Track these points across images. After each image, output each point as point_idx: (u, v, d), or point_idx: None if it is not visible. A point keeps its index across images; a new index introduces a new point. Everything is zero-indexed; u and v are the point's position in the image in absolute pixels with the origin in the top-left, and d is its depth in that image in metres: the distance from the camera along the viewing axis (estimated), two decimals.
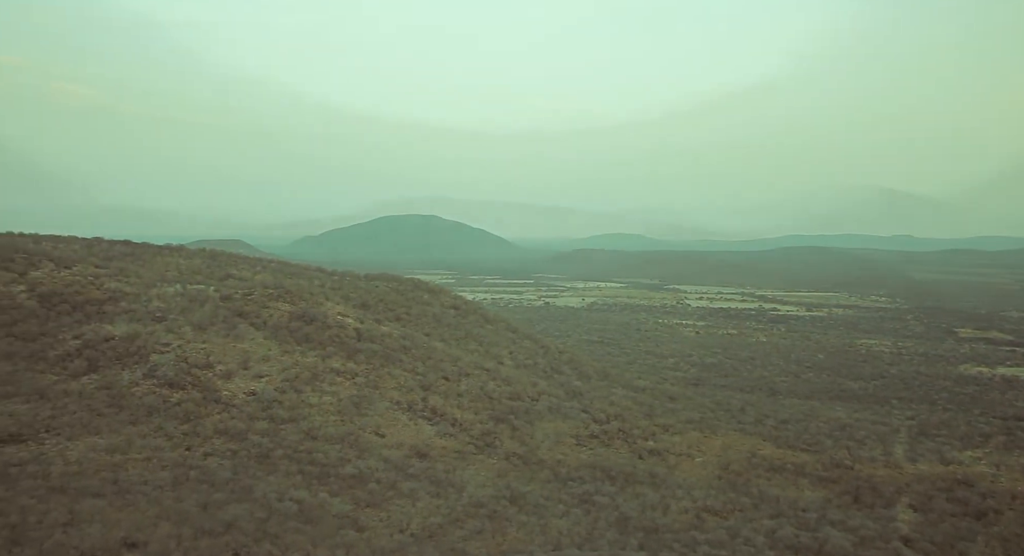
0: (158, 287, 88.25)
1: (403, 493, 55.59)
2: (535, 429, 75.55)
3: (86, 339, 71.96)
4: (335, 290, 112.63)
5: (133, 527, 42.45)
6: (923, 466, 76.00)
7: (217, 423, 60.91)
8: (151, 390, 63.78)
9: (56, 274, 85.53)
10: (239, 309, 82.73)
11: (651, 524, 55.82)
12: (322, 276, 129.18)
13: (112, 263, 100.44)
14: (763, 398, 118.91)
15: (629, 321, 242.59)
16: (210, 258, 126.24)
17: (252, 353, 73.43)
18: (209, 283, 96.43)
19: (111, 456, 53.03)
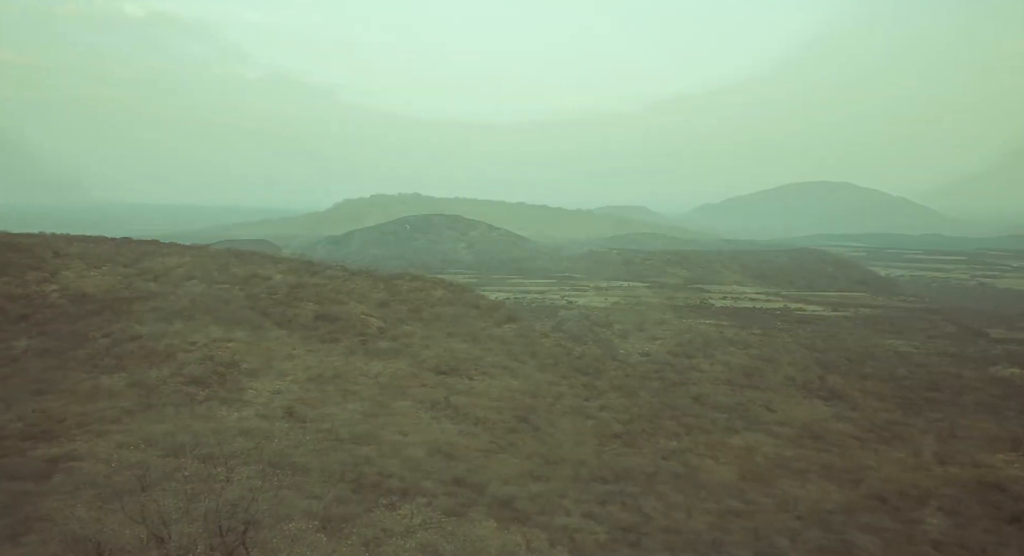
0: (568, 248, 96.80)
1: (792, 472, 53.11)
2: (956, 426, 65.77)
3: (115, 338, 72.13)
4: (733, 258, 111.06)
5: (540, 462, 47.66)
6: (953, 469, 54.20)
7: (613, 379, 64.96)
8: (558, 342, 70.72)
9: (86, 274, 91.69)
10: (638, 272, 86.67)
11: None
12: (720, 243, 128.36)
13: (531, 225, 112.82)
14: None
15: None
16: (615, 223, 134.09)
17: (648, 316, 76.45)
18: (611, 246, 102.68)
19: (523, 397, 60.25)
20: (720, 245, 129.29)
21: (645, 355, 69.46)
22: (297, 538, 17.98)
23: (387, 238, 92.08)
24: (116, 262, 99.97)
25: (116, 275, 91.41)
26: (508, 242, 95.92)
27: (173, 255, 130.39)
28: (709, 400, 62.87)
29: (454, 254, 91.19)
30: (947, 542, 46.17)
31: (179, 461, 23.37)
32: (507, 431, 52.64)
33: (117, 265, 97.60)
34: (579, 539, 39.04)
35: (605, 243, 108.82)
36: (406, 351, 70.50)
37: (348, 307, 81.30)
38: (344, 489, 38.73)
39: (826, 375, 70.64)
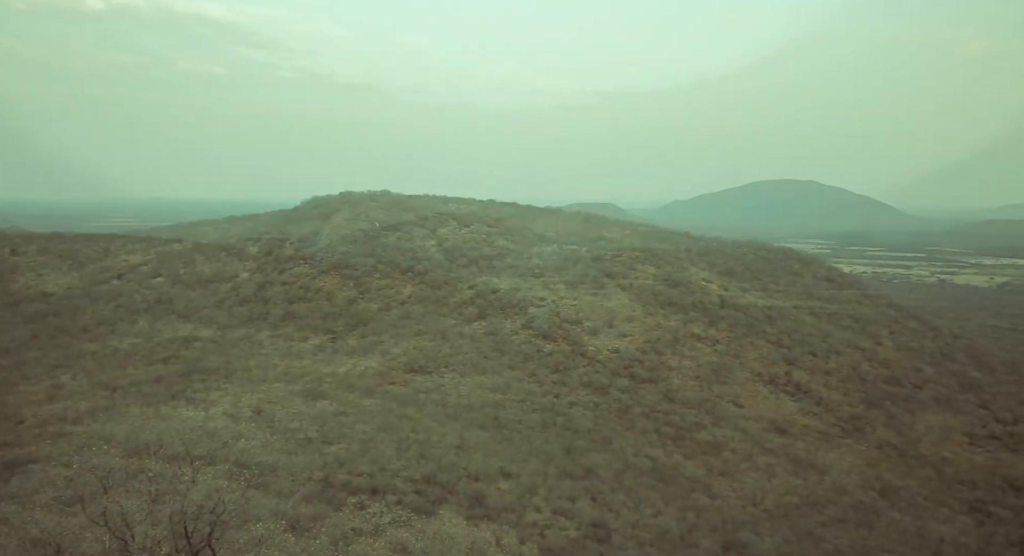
0: (538, 246, 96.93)
1: (759, 466, 53.94)
2: (916, 420, 67.22)
3: (478, 289, 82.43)
4: (701, 256, 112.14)
5: (509, 459, 47.90)
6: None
7: (583, 376, 65.33)
8: (528, 340, 70.78)
9: (458, 232, 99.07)
10: (608, 270, 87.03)
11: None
12: (688, 241, 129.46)
13: (501, 223, 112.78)
14: None
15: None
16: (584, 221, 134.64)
17: (617, 313, 76.90)
18: (582, 244, 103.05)
19: (493, 394, 60.35)
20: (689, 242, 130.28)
21: (615, 352, 69.86)
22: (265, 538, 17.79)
23: (356, 235, 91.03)
24: (482, 222, 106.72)
25: (481, 234, 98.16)
26: (479, 239, 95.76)
27: (529, 216, 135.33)
28: (678, 396, 63.48)
29: (424, 251, 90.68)
30: (908, 532, 47.23)
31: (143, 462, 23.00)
32: (477, 428, 52.64)
33: (482, 224, 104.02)
34: (549, 535, 39.21)
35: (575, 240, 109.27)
36: (376, 349, 70.14)
37: (317, 305, 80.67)
38: (313, 488, 38.44)
39: (792, 371, 71.71)
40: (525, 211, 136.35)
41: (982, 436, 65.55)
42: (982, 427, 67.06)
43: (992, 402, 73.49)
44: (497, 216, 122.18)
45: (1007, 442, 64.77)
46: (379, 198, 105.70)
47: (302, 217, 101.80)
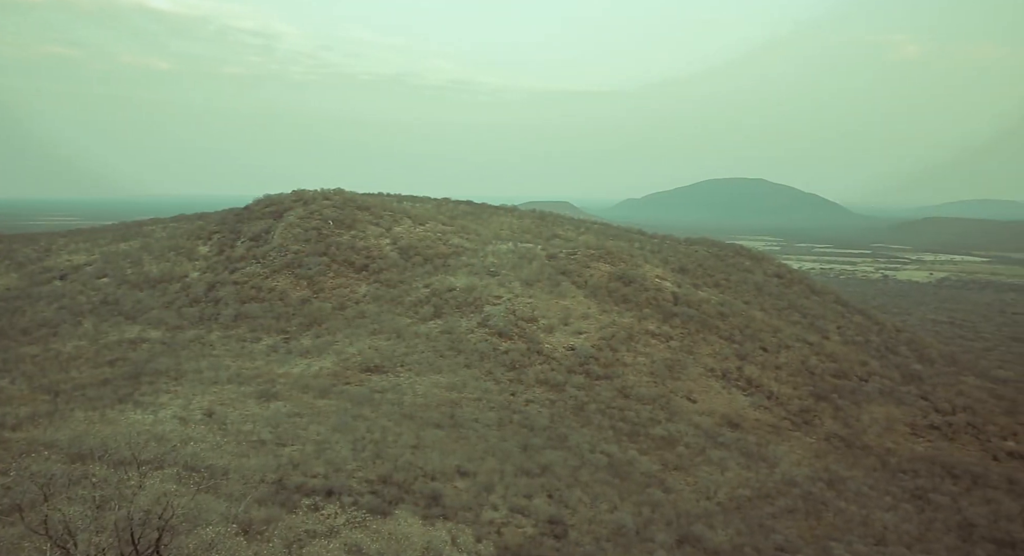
0: (493, 244, 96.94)
1: (712, 460, 54.82)
2: (862, 412, 69.13)
3: (434, 288, 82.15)
4: (655, 253, 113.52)
5: (465, 458, 47.83)
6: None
7: (539, 373, 65.56)
8: (484, 338, 70.77)
9: (413, 230, 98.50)
10: (563, 268, 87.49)
11: (1006, 537, 48.13)
12: (642, 239, 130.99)
13: (456, 221, 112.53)
14: None
15: (991, 301, 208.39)
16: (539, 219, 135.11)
17: (573, 310, 77.34)
18: (537, 242, 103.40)
19: (449, 393, 60.19)
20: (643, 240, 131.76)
21: (570, 349, 70.29)
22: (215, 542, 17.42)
23: (309, 234, 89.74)
24: (436, 220, 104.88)
25: (436, 232, 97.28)
26: (434, 238, 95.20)
27: (484, 214, 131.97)
28: (633, 392, 64.15)
29: (378, 250, 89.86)
30: (854, 521, 48.55)
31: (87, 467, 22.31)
32: (434, 427, 52.43)
33: (437, 223, 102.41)
34: (506, 533, 39.30)
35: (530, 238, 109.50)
36: (330, 349, 69.36)
37: (269, 305, 79.40)
38: (266, 491, 37.84)
39: (744, 366, 73.05)
40: (480, 209, 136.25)
41: (923, 426, 67.74)
42: (923, 417, 69.30)
43: (932, 393, 76.00)
44: (452, 214, 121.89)
45: (946, 431, 67.06)
46: (332, 196, 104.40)
47: (253, 215, 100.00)
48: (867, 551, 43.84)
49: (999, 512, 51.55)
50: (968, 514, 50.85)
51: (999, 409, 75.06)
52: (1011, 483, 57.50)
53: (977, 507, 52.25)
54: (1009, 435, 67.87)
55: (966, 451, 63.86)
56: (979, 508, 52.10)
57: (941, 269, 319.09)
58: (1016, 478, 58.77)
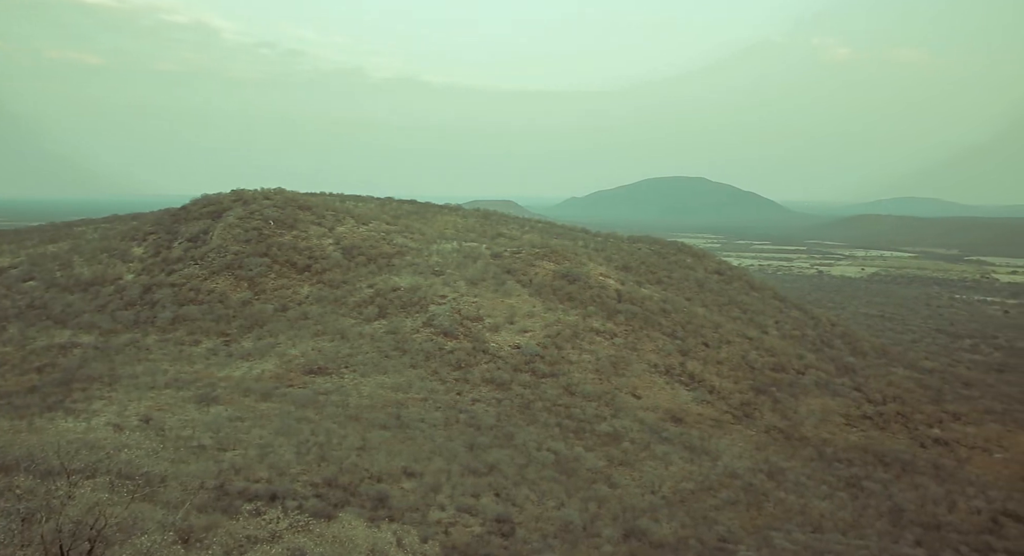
0: (437, 244, 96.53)
1: (656, 455, 55.68)
2: (799, 404, 71.18)
3: (378, 288, 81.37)
4: (598, 251, 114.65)
5: (411, 458, 47.53)
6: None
7: (485, 372, 65.57)
8: (429, 338, 70.43)
9: (356, 230, 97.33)
10: (508, 266, 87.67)
11: (932, 520, 50.21)
12: (586, 237, 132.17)
13: (400, 220, 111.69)
14: None
15: (917, 295, 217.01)
16: (483, 218, 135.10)
17: (518, 309, 77.57)
18: (482, 241, 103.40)
19: (395, 394, 59.73)
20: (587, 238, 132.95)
21: (516, 348, 70.50)
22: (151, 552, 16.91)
23: (249, 235, 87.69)
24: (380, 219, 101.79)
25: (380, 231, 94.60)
26: (378, 237, 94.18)
27: (428, 214, 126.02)
28: (578, 389, 64.70)
29: (321, 250, 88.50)
30: (793, 510, 49.99)
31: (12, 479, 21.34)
32: (380, 428, 51.95)
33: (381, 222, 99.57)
34: (454, 533, 39.19)
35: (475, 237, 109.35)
36: (272, 351, 68.06)
37: (209, 307, 77.42)
38: (206, 497, 36.89)
39: (686, 361, 74.40)
40: (424, 208, 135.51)
41: (856, 416, 70.13)
42: (856, 408, 71.76)
43: (865, 385, 78.78)
44: (396, 214, 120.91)
45: (877, 421, 69.59)
46: (273, 196, 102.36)
47: (191, 216, 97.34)
48: (805, 539, 45.16)
49: (926, 497, 53.77)
50: (898, 500, 52.88)
51: (925, 398, 78.29)
52: (937, 469, 60.03)
53: (906, 493, 54.38)
54: (935, 423, 70.82)
55: (896, 439, 66.38)
56: (908, 493, 54.24)
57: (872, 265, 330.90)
58: (941, 464, 61.38)
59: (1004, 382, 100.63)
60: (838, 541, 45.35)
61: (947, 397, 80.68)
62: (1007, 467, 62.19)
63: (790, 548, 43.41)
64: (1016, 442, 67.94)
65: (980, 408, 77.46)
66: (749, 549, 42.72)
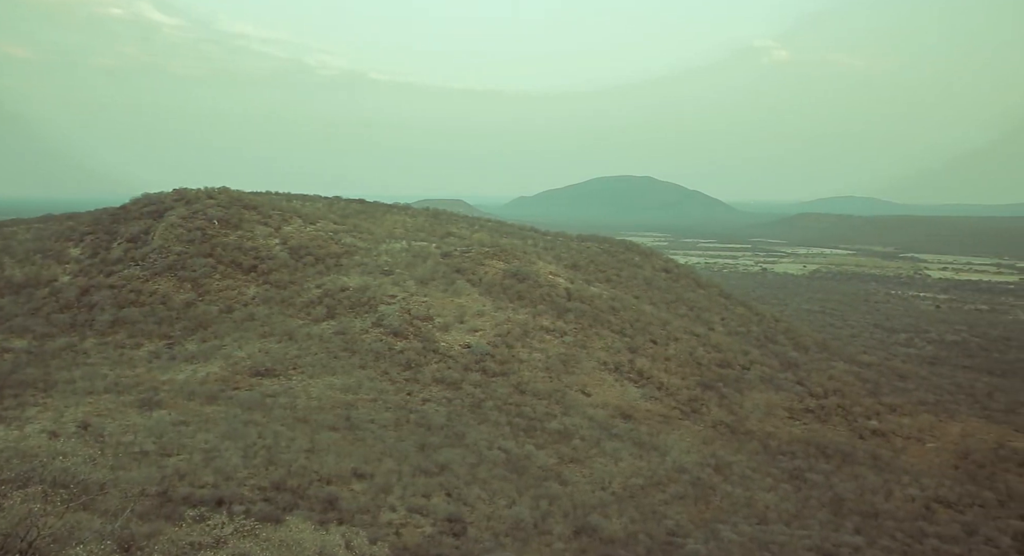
0: (386, 243, 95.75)
1: (606, 452, 56.25)
2: (745, 399, 72.77)
3: (326, 289, 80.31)
4: (548, 250, 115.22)
5: (362, 460, 47.08)
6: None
7: (435, 372, 65.31)
8: (379, 338, 69.83)
9: (303, 229, 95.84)
10: (457, 265, 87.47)
11: (870, 508, 51.92)
12: (535, 236, 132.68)
13: (348, 220, 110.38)
14: (1018, 384, 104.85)
15: (856, 291, 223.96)
16: (432, 217, 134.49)
17: (468, 308, 77.47)
18: (431, 240, 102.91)
19: (344, 395, 59.05)
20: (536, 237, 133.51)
21: (466, 347, 70.41)
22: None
23: (193, 235, 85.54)
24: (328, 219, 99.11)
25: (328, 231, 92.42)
26: (326, 237, 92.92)
27: (377, 213, 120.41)
28: (529, 388, 64.96)
29: (267, 250, 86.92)
30: (738, 503, 51.09)
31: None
32: (329, 430, 51.32)
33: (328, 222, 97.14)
34: (405, 534, 38.99)
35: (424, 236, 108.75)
36: (218, 353, 66.56)
37: (151, 309, 75.28)
38: (148, 505, 35.94)
39: (635, 358, 75.34)
40: (373, 208, 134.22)
41: (799, 410, 72.05)
42: (799, 402, 73.72)
43: (807, 379, 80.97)
44: (344, 213, 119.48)
45: (819, 414, 71.62)
46: (217, 195, 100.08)
47: (131, 216, 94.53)
48: (751, 530, 46.21)
49: (865, 486, 55.58)
50: (839, 490, 54.52)
51: (864, 391, 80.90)
52: (874, 459, 62.08)
53: (846, 483, 56.10)
54: (873, 415, 73.19)
55: (837, 431, 68.40)
56: (848, 484, 55.97)
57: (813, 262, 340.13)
58: (879, 454, 63.48)
59: (936, 374, 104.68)
60: (782, 532, 46.53)
61: (884, 390, 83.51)
62: (939, 456, 64.66)
63: (736, 540, 44.36)
64: (947, 432, 70.70)
65: (914, 400, 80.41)
66: (697, 542, 43.51)
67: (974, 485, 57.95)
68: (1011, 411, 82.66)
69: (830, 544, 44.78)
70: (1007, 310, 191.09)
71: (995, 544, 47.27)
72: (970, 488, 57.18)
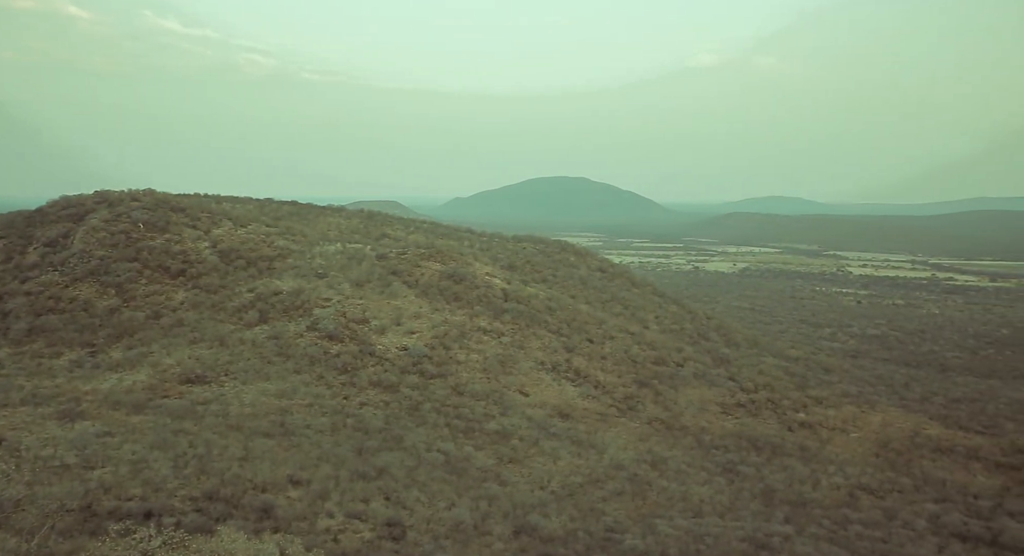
0: (320, 246, 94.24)
1: (545, 451, 56.67)
2: (679, 395, 74.35)
3: (258, 292, 78.49)
4: (484, 251, 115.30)
5: (298, 466, 46.22)
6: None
7: (372, 375, 64.65)
8: (314, 342, 68.67)
9: (234, 232, 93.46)
10: (393, 267, 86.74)
11: (799, 498, 53.73)
12: (471, 237, 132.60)
13: (281, 222, 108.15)
14: (932, 374, 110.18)
15: (783, 288, 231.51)
16: (367, 219, 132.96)
17: (404, 310, 76.92)
18: (366, 242, 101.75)
19: (279, 401, 57.85)
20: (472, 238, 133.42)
21: (403, 349, 69.89)
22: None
23: (116, 238, 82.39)
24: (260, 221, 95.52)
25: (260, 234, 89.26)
26: (257, 240, 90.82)
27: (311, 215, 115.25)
28: (467, 389, 64.91)
29: (196, 254, 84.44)
30: (674, 498, 52.17)
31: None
32: (263, 437, 50.20)
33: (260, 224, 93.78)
34: (343, 540, 38.47)
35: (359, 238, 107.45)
36: (145, 361, 64.30)
37: (71, 316, 72.17)
38: (70, 520, 34.49)
39: (572, 358, 76.12)
40: (305, 210, 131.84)
41: (732, 405, 74.05)
42: (731, 397, 75.77)
43: (738, 374, 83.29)
44: (276, 215, 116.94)
45: (750, 408, 73.77)
46: (142, 197, 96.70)
47: (48, 219, 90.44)
48: (687, 524, 47.24)
49: (793, 477, 57.50)
50: (769, 481, 56.24)
51: (792, 385, 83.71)
52: (802, 450, 64.30)
53: (776, 474, 57.94)
54: (800, 407, 75.81)
55: (767, 424, 70.56)
56: (778, 475, 57.81)
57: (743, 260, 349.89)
58: (806, 445, 65.77)
59: (858, 367, 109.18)
60: (716, 524, 47.72)
61: (810, 383, 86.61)
62: (861, 445, 67.41)
63: (673, 534, 45.29)
64: (868, 422, 73.76)
65: (839, 392, 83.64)
66: (635, 538, 44.24)
67: (893, 472, 60.64)
68: (925, 400, 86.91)
69: (762, 534, 46.13)
70: (921, 305, 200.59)
71: (912, 527, 49.57)
72: (890, 475, 59.81)
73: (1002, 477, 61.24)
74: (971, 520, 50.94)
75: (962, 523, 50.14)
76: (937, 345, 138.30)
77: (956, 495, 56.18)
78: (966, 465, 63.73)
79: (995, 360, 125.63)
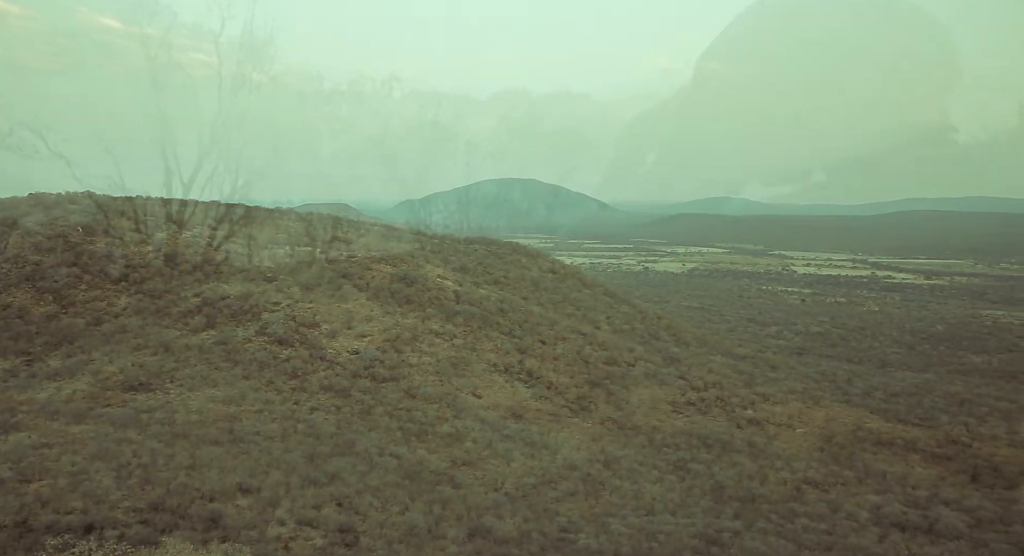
0: (269, 249, 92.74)
1: (498, 453, 56.70)
2: (631, 394, 75.20)
3: (205, 297, 76.82)
4: (435, 253, 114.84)
5: (247, 474, 45.34)
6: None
7: (323, 380, 63.82)
8: (263, 347, 67.50)
9: (179, 235, 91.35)
10: (344, 271, 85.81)
11: (748, 494, 54.84)
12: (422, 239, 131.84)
13: (227, 225, 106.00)
14: (872, 370, 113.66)
15: (731, 287, 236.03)
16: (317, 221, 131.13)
17: (355, 313, 76.16)
18: (316, 245, 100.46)
19: (227, 407, 56.69)
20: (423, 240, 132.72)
21: (354, 353, 69.18)
22: None
23: (53, 243, 79.79)
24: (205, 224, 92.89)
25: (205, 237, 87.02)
26: (203, 243, 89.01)
27: (258, 218, 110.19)
28: (419, 392, 64.56)
29: (140, 258, 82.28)
30: (628, 496, 52.76)
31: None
32: (211, 444, 49.10)
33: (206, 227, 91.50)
34: (294, 547, 37.89)
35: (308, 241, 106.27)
36: (85, 369, 62.30)
37: (5, 324, 69.54)
38: (3, 537, 33.23)
39: (524, 359, 76.37)
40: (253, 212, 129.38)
41: (682, 403, 75.22)
42: (682, 395, 76.96)
43: (688, 373, 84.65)
44: (222, 218, 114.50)
45: (700, 407, 75.04)
46: (80, 200, 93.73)
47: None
48: (639, 522, 47.81)
49: (743, 473, 58.70)
50: (719, 478, 57.29)
51: (740, 382, 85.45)
52: (751, 446, 65.68)
53: (726, 471, 59.06)
54: (748, 404, 77.44)
55: (716, 422, 71.88)
56: (727, 471, 58.94)
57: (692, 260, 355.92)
58: (754, 441, 67.20)
59: (803, 364, 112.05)
60: (668, 521, 48.42)
61: (758, 380, 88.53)
62: (807, 440, 69.20)
63: (626, 532, 45.79)
64: (813, 417, 75.76)
65: (785, 388, 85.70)
66: (588, 537, 44.59)
67: (837, 465, 62.40)
68: (867, 395, 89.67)
69: (712, 530, 46.97)
70: (862, 302, 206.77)
71: (855, 518, 51.08)
72: (834, 468, 61.53)
73: (938, 467, 63.59)
74: (909, 510, 52.74)
75: (901, 513, 51.87)
76: (877, 341, 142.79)
77: (896, 486, 58.11)
78: (905, 457, 65.97)
79: (931, 355, 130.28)
